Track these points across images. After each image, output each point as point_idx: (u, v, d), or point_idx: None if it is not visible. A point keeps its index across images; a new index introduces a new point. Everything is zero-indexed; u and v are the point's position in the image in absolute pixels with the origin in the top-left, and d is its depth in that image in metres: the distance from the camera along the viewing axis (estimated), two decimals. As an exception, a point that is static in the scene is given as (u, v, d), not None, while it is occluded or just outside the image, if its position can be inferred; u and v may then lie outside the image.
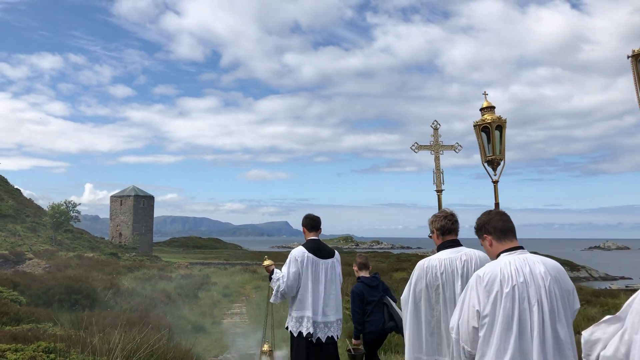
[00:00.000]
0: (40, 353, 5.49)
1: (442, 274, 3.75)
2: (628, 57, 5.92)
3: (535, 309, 2.80)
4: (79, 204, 66.88)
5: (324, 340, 5.32)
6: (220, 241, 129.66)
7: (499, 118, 6.19)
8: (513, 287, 2.82)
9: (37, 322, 8.21)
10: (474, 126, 6.34)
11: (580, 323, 8.62)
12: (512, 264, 2.90)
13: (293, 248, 5.54)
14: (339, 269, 5.69)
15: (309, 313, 5.30)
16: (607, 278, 72.16)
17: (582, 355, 2.58)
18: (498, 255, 3.02)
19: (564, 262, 72.24)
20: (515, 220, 3.37)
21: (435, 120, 7.58)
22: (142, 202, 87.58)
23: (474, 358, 2.86)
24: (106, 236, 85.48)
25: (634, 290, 2.63)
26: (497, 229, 3.09)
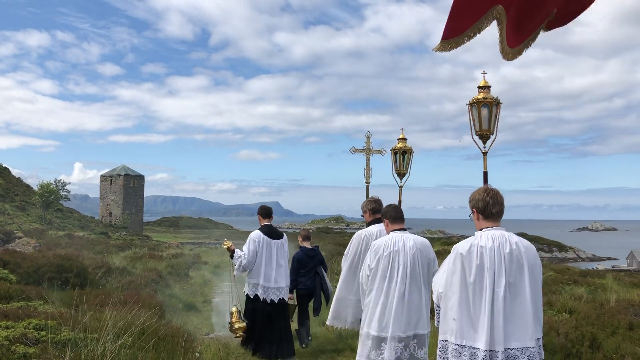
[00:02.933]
0: (31, 330, 5.49)
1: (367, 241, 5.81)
2: (466, 104, 6.89)
3: (401, 267, 4.68)
4: (69, 183, 66.66)
5: (276, 301, 7.27)
6: (211, 221, 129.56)
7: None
8: (390, 252, 4.72)
9: (28, 300, 8.20)
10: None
11: (568, 302, 8.76)
12: (393, 238, 4.81)
13: (285, 228, 6.57)
14: (286, 247, 7.51)
15: (261, 281, 7.22)
16: (594, 259, 73.10)
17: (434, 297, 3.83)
18: (390, 232, 4.94)
19: (552, 243, 72.97)
20: (505, 201, 3.68)
21: (368, 131, 11.02)
22: (132, 182, 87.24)
23: (364, 292, 4.86)
24: (96, 215, 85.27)
25: (620, 271, 2.81)
26: (391, 217, 4.99)
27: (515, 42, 3.87)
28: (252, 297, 7.31)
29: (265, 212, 7.60)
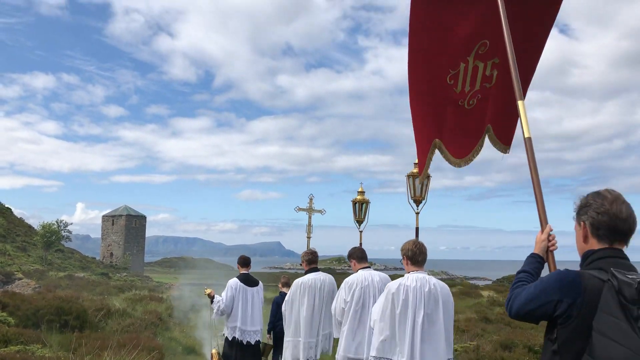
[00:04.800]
0: (29, 375, 5.42)
1: (310, 286, 6.51)
2: (405, 176, 8.60)
3: (372, 299, 5.47)
4: (71, 223, 66.52)
5: (252, 343, 7.93)
6: (212, 261, 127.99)
7: (365, 199, 9.18)
8: (362, 287, 5.59)
9: (26, 343, 8.11)
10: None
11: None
12: (363, 275, 5.70)
13: (286, 269, 7.17)
14: (261, 294, 8.26)
15: (238, 324, 7.88)
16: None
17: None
18: (357, 270, 5.85)
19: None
20: (507, 241, 3.97)
21: (311, 193, 13.03)
22: (134, 222, 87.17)
23: (341, 323, 5.63)
24: (97, 256, 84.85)
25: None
26: (358, 257, 5.95)
27: (461, 155, 5.06)
28: (230, 339, 7.98)
29: (243, 261, 8.44)
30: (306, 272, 6.77)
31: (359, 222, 10.78)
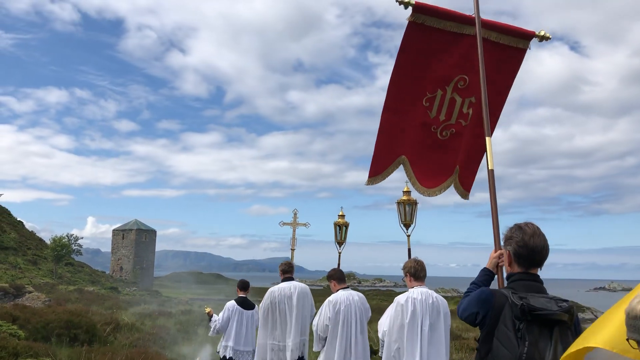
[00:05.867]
0: (38, 389, 5.43)
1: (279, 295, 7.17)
2: (395, 202, 9.07)
3: (353, 316, 6.18)
4: (81, 237, 66.85)
5: None
6: (222, 276, 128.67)
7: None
8: (345, 305, 6.18)
9: (36, 356, 8.13)
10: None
11: None
12: (344, 295, 6.28)
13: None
14: (256, 316, 8.45)
15: (231, 343, 8.42)
16: (612, 320, 70.92)
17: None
18: (337, 290, 6.38)
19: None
20: None
21: (295, 208, 13.54)
22: (144, 236, 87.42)
23: (325, 340, 6.14)
24: (107, 270, 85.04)
25: None
26: (338, 278, 6.50)
27: (429, 185, 5.49)
28: (221, 357, 8.62)
29: (242, 285, 9.07)
30: (282, 281, 7.54)
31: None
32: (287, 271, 7.68)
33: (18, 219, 67.85)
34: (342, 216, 11.85)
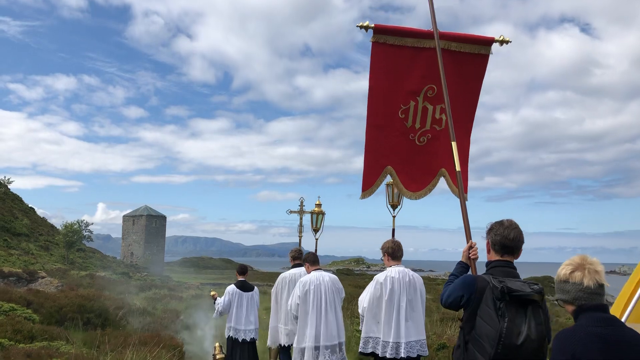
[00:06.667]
0: (54, 371, 5.53)
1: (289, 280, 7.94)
2: (385, 184, 9.08)
3: (323, 295, 6.64)
4: (92, 223, 67.27)
5: (248, 340, 8.90)
6: (232, 262, 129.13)
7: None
8: (314, 285, 6.65)
9: (50, 340, 8.26)
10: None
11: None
12: (315, 275, 6.79)
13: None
14: (256, 298, 9.14)
15: (232, 324, 8.95)
16: (622, 303, 70.71)
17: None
18: (310, 272, 6.90)
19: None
20: (529, 243, 4.29)
21: (302, 197, 13.47)
22: (154, 222, 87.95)
23: (297, 318, 6.67)
24: (118, 255, 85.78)
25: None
26: (311, 261, 7.06)
27: (414, 189, 5.89)
28: (227, 336, 9.32)
29: (241, 269, 9.66)
30: (292, 267, 8.12)
31: (316, 230, 12.41)
32: (297, 257, 8.10)
33: (29, 206, 68.44)
34: (319, 205, 12.57)
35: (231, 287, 9.29)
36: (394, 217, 9.94)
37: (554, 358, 2.65)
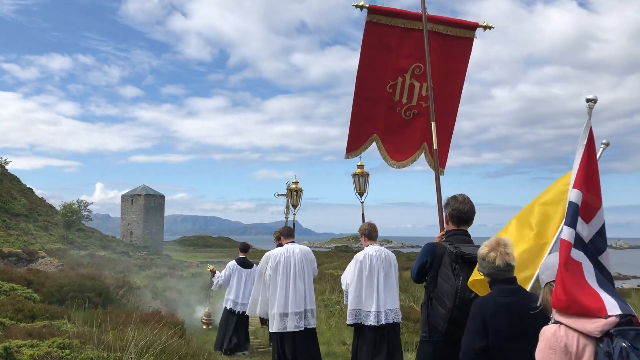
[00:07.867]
0: (55, 349, 5.59)
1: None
2: (351, 174, 10.36)
3: (292, 266, 7.26)
4: (91, 203, 67.28)
5: (241, 313, 9.50)
6: (231, 240, 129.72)
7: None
8: (284, 257, 7.31)
9: (51, 319, 8.32)
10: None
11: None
12: (286, 247, 7.45)
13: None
14: (254, 274, 9.00)
15: (232, 297, 9.69)
16: (619, 277, 71.46)
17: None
18: (285, 244, 7.51)
19: (575, 262, 71.18)
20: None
21: (288, 181, 13.70)
22: (153, 201, 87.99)
23: (268, 286, 7.27)
24: (117, 235, 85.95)
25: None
26: (285, 234, 7.75)
27: (399, 158, 6.43)
28: (224, 308, 9.94)
29: (243, 247, 10.50)
30: (277, 246, 8.34)
31: (294, 206, 13.22)
32: (289, 235, 8.40)
33: (28, 186, 68.36)
34: (296, 182, 13.36)
35: (232, 263, 9.83)
36: (362, 203, 10.66)
37: (469, 320, 3.29)
